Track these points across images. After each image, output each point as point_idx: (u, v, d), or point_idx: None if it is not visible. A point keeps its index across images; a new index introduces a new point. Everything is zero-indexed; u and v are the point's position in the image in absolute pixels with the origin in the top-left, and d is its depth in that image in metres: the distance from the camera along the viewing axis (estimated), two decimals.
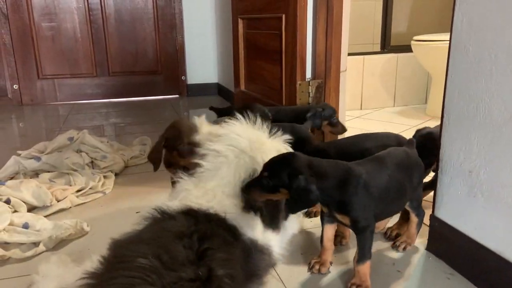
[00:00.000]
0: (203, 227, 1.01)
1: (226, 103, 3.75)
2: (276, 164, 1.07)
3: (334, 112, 1.86)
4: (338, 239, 1.37)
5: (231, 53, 3.09)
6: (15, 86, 3.62)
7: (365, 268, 1.13)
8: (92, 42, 3.74)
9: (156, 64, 3.97)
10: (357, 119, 3.11)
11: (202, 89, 4.10)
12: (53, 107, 3.66)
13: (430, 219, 1.33)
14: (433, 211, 1.32)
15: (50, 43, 3.63)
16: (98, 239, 1.48)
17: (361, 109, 3.40)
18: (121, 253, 0.91)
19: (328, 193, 1.07)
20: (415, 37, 3.07)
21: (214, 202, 1.13)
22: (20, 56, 3.58)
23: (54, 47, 3.65)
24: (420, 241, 1.39)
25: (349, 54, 2.42)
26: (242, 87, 2.98)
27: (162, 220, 1.05)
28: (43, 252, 1.38)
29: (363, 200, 1.09)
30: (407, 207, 1.29)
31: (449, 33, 1.22)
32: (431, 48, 2.98)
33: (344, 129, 1.89)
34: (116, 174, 2.03)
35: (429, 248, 1.34)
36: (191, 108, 3.70)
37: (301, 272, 1.25)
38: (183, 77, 4.05)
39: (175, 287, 0.82)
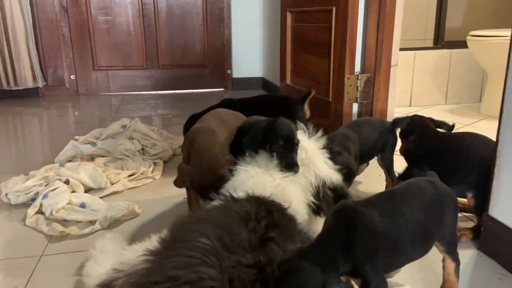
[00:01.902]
0: (273, 216, 1.00)
1: None
2: None
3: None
4: None
5: (277, 46, 3.10)
6: (72, 77, 3.81)
7: None
8: (144, 35, 3.87)
9: (203, 58, 4.05)
10: None
11: (247, 83, 4.14)
12: (106, 97, 3.83)
13: (483, 218, 1.28)
14: (487, 210, 1.27)
15: (105, 36, 3.80)
16: (148, 221, 1.54)
17: (410, 106, 3.30)
18: (183, 232, 0.93)
19: (339, 265, 0.84)
20: (471, 33, 2.94)
21: (277, 190, 1.14)
22: (77, 48, 3.77)
23: (109, 40, 3.82)
24: (473, 241, 1.34)
25: (400, 50, 2.36)
26: (288, 81, 2.98)
27: (231, 203, 1.06)
28: (98, 230, 1.46)
29: (375, 254, 0.86)
30: (440, 252, 1.04)
31: (507, 29, 1.16)
32: (488, 44, 2.84)
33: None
34: (164, 162, 2.10)
35: (481, 247, 1.30)
36: None
37: None
38: (228, 70, 4.11)
39: (233, 271, 0.82)
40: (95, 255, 1.13)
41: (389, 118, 2.27)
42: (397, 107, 3.00)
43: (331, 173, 1.26)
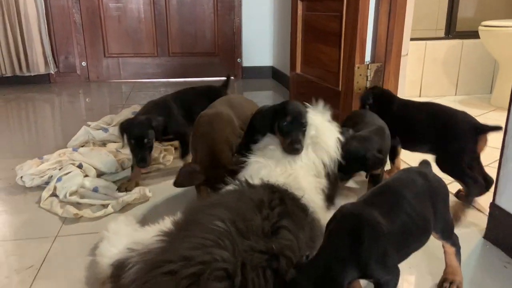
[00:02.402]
0: (286, 204, 1.02)
1: (280, 86, 3.77)
2: None
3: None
4: None
5: (288, 36, 3.09)
6: (83, 63, 3.85)
7: None
8: (155, 23, 3.88)
9: (213, 46, 4.05)
10: None
11: (256, 72, 4.14)
12: (116, 84, 3.86)
13: (490, 207, 1.30)
14: (494, 199, 1.29)
15: (116, 23, 3.82)
16: (159, 205, 1.59)
17: (420, 96, 3.29)
18: (198, 215, 0.95)
19: (349, 272, 0.82)
20: (484, 23, 2.91)
21: (290, 179, 1.15)
22: (88, 35, 3.79)
23: (119, 27, 3.84)
24: (478, 229, 1.36)
25: (411, 40, 2.35)
26: (298, 70, 2.98)
27: (245, 189, 1.08)
28: (111, 213, 1.50)
29: (384, 256, 0.86)
30: (438, 239, 1.05)
31: None
32: (500, 35, 2.81)
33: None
34: (175, 148, 2.13)
35: (487, 236, 1.31)
36: (245, 91, 3.75)
37: None
38: (238, 59, 4.11)
39: (246, 255, 0.85)
40: (108, 237, 1.16)
41: None
42: (407, 97, 2.99)
43: (333, 161, 1.27)
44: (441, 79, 3.30)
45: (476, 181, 1.38)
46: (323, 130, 1.27)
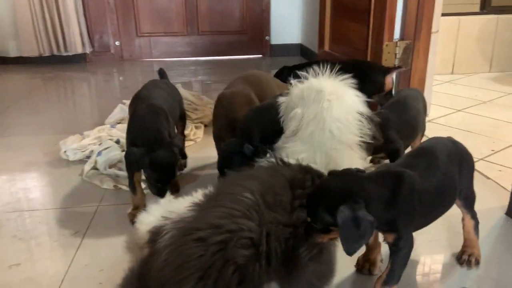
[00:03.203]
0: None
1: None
2: (312, 204, 0.90)
3: None
4: (367, 266, 1.12)
5: (316, 13, 3.08)
6: (117, 43, 3.96)
7: None
8: (185, 1, 3.93)
9: (242, 24, 4.07)
10: (446, 84, 2.97)
11: (284, 50, 4.14)
12: (148, 63, 3.97)
13: None
14: None
15: (147, 3, 3.89)
16: (190, 179, 1.68)
17: (452, 73, 3.22)
18: (229, 186, 1.02)
19: (378, 215, 0.86)
20: None
21: (331, 166, 1.15)
22: (121, 14, 3.88)
23: (150, 7, 3.90)
24: (500, 206, 1.38)
25: (444, 15, 2.31)
26: (326, 48, 2.98)
27: (280, 166, 1.11)
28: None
29: (413, 213, 0.92)
30: (460, 208, 1.09)
31: None
32: None
33: None
34: (205, 126, 2.21)
35: (509, 212, 1.33)
36: (273, 69, 3.77)
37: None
38: (267, 37, 4.12)
39: (271, 226, 0.91)
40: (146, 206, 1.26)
41: (427, 87, 2.26)
42: (439, 75, 2.96)
43: (363, 104, 1.26)
44: (475, 56, 3.22)
45: None
46: (339, 91, 1.25)
